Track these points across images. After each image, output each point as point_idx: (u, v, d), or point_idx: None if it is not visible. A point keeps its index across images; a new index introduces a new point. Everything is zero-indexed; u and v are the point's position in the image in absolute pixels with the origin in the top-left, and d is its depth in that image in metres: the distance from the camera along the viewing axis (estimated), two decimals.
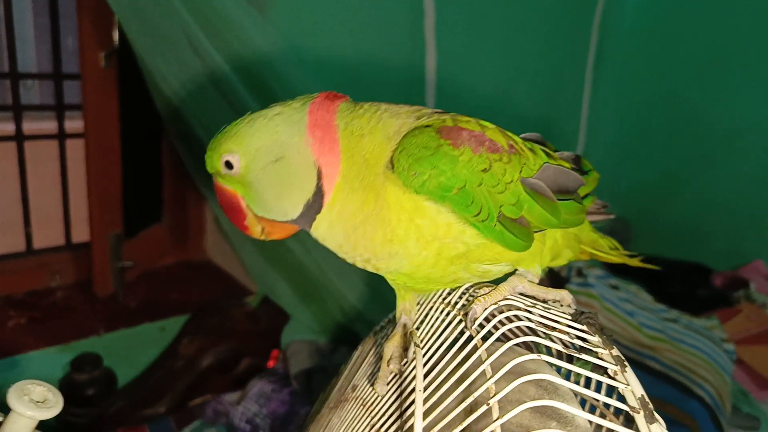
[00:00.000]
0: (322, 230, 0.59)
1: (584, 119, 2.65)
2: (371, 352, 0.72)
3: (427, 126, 0.55)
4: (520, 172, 0.58)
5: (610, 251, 0.79)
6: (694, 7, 2.48)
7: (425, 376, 0.52)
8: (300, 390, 1.63)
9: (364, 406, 0.63)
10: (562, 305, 0.60)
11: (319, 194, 0.57)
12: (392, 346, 0.63)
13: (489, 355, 0.49)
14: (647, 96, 2.68)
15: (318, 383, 1.62)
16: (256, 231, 0.61)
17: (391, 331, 0.66)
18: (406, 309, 0.67)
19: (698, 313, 1.93)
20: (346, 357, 0.86)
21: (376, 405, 0.61)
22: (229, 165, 0.57)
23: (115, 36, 1.98)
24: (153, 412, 1.70)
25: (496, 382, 0.46)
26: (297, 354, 1.74)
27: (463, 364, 0.50)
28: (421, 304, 0.69)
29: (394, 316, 0.74)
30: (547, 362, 0.46)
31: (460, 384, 0.47)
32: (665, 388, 1.50)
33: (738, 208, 2.42)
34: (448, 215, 0.54)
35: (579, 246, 0.75)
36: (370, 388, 0.65)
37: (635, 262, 0.83)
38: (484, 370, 0.47)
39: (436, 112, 0.59)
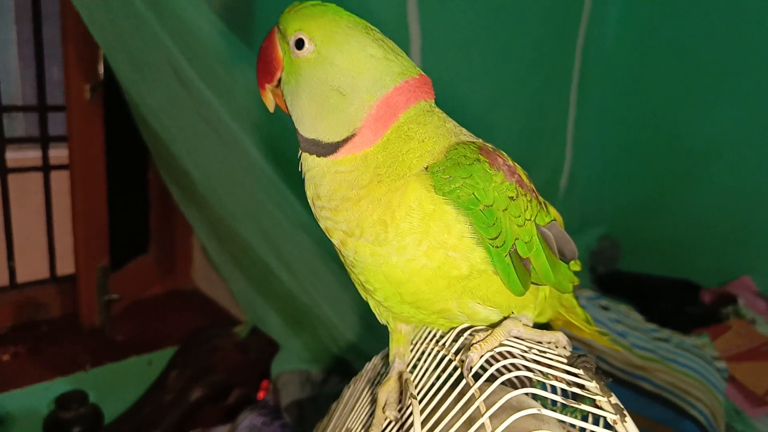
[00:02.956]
0: (318, 169, 0.57)
1: (570, 139, 2.68)
2: (364, 392, 0.71)
3: (471, 142, 0.56)
4: (536, 215, 0.59)
5: (582, 323, 0.78)
6: (674, 30, 2.53)
7: (422, 424, 0.51)
8: (292, 422, 1.60)
9: None
10: (557, 347, 0.60)
11: (352, 137, 0.55)
12: (386, 392, 0.62)
13: (487, 407, 0.48)
14: (631, 116, 2.72)
15: (310, 415, 1.59)
16: (269, 101, 0.60)
17: (385, 375, 0.65)
18: (399, 353, 0.66)
19: (688, 330, 1.93)
20: (338, 387, 0.85)
21: None
22: (299, 44, 0.54)
23: (101, 68, 1.98)
24: None
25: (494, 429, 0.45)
26: (288, 385, 1.71)
27: (462, 415, 0.49)
28: (414, 346, 0.68)
29: (387, 355, 0.73)
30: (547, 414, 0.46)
31: None
32: (658, 409, 1.50)
33: (723, 225, 2.44)
34: (465, 227, 0.54)
35: (558, 309, 0.75)
36: None
37: (604, 341, 0.81)
38: (483, 423, 0.46)
39: (480, 140, 0.60)
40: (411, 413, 0.57)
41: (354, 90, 0.54)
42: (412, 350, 0.67)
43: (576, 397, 0.49)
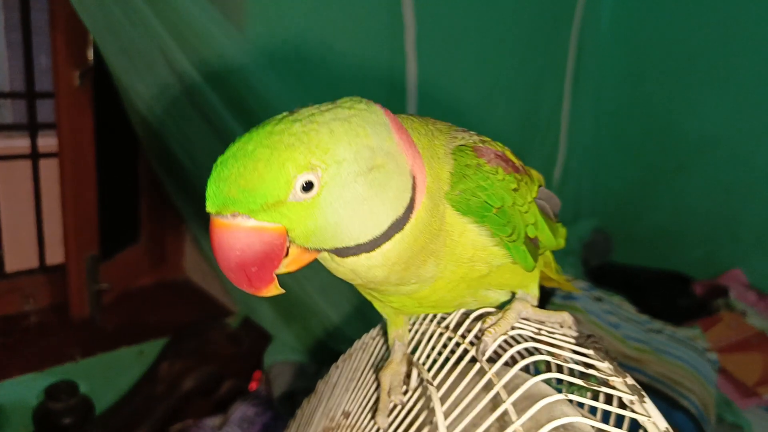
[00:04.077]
0: (380, 256, 0.49)
1: (564, 130, 2.68)
2: (361, 373, 0.69)
3: (464, 146, 0.55)
4: (533, 192, 0.59)
5: (554, 273, 0.78)
6: (667, 23, 2.53)
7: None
8: (284, 413, 1.59)
9: None
10: (562, 327, 0.59)
11: (409, 209, 0.48)
12: (389, 375, 0.61)
13: (507, 392, 0.47)
14: (624, 108, 2.72)
15: (298, 409, 1.59)
16: (275, 287, 0.48)
17: (385, 358, 0.65)
18: (399, 335, 0.65)
19: (679, 322, 1.94)
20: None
21: None
22: (307, 187, 0.44)
23: (90, 54, 1.94)
24: None
25: (519, 418, 0.44)
26: (280, 376, 1.71)
27: (479, 401, 0.47)
28: (412, 327, 0.67)
29: (377, 334, 0.72)
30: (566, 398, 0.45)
31: (479, 423, 0.45)
32: (651, 400, 1.50)
33: (714, 217, 2.45)
34: (485, 237, 0.54)
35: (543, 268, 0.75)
36: (366, 418, 0.63)
37: (569, 286, 0.83)
38: (506, 409, 0.45)
39: (460, 131, 0.58)
40: (418, 397, 0.56)
41: (380, 161, 0.46)
42: (410, 330, 0.66)
43: (584, 377, 0.48)
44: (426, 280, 0.54)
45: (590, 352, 0.51)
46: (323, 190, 0.44)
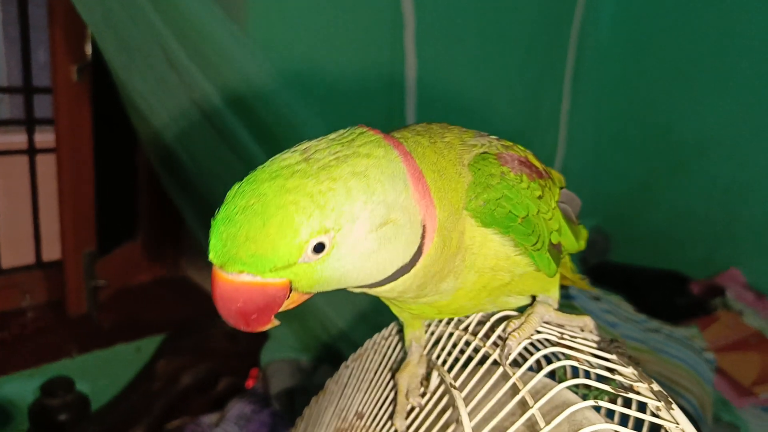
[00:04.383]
0: (388, 288, 0.50)
1: (563, 130, 2.68)
2: (375, 374, 0.69)
3: (485, 153, 0.53)
4: (555, 196, 0.58)
5: (569, 272, 0.76)
6: (668, 23, 2.53)
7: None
8: (281, 411, 1.59)
9: None
10: (583, 330, 0.59)
11: (417, 254, 0.48)
12: (407, 377, 0.60)
13: (534, 397, 0.46)
14: (623, 108, 2.72)
15: (300, 403, 1.58)
16: (272, 323, 0.47)
17: (401, 359, 0.64)
18: (416, 337, 0.64)
19: (677, 322, 1.94)
20: (329, 376, 0.83)
21: None
22: (318, 248, 0.43)
23: (88, 49, 1.93)
24: None
25: (547, 424, 0.43)
26: (277, 373, 1.70)
27: (504, 406, 0.47)
28: (428, 329, 0.66)
29: (389, 334, 0.71)
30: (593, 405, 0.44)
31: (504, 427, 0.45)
32: None
33: (712, 217, 2.46)
34: (509, 248, 0.52)
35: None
36: (382, 420, 0.62)
37: (584, 285, 0.81)
38: (533, 415, 0.45)
39: (478, 136, 0.56)
40: (437, 400, 0.56)
41: (393, 216, 0.45)
42: (426, 332, 0.65)
43: (607, 382, 0.48)
44: (446, 292, 0.53)
45: (614, 357, 0.50)
46: (333, 250, 0.43)
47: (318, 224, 0.41)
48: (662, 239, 2.60)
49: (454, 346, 0.60)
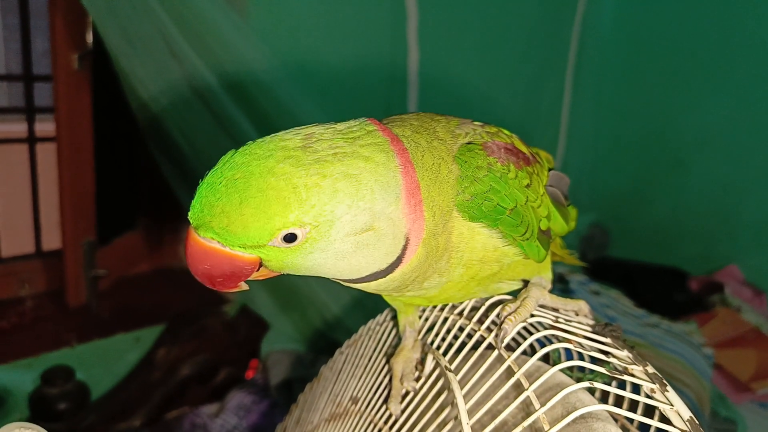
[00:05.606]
0: (365, 287, 0.51)
1: (564, 125, 2.68)
2: (370, 359, 0.69)
3: (471, 143, 0.51)
4: (544, 181, 0.57)
5: (559, 248, 0.76)
6: (669, 18, 2.52)
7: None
8: (281, 401, 1.59)
9: (372, 424, 0.60)
10: (578, 314, 0.59)
11: (396, 263, 0.47)
12: (401, 362, 0.61)
13: (528, 380, 0.46)
14: (624, 103, 2.72)
15: (300, 393, 1.59)
16: (239, 288, 0.48)
17: (395, 344, 0.64)
18: (410, 322, 0.64)
19: (675, 317, 1.95)
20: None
21: (388, 424, 0.58)
22: (290, 238, 0.43)
23: (89, 36, 1.92)
24: (128, 426, 1.64)
25: (541, 406, 0.44)
26: (277, 364, 1.71)
27: (499, 389, 0.47)
28: (422, 314, 0.66)
29: (383, 320, 0.71)
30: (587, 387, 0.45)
31: (499, 410, 0.45)
32: None
33: (711, 214, 2.46)
34: (497, 240, 0.51)
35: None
36: (377, 404, 0.62)
37: (572, 260, 0.80)
38: (528, 397, 0.45)
39: (463, 124, 0.55)
40: (432, 384, 0.56)
41: (377, 224, 0.44)
42: (420, 317, 0.66)
43: (602, 365, 0.48)
44: (432, 287, 0.53)
45: (608, 340, 0.50)
46: (306, 243, 0.43)
47: (294, 217, 0.41)
48: (661, 235, 2.60)
49: (449, 331, 0.60)
